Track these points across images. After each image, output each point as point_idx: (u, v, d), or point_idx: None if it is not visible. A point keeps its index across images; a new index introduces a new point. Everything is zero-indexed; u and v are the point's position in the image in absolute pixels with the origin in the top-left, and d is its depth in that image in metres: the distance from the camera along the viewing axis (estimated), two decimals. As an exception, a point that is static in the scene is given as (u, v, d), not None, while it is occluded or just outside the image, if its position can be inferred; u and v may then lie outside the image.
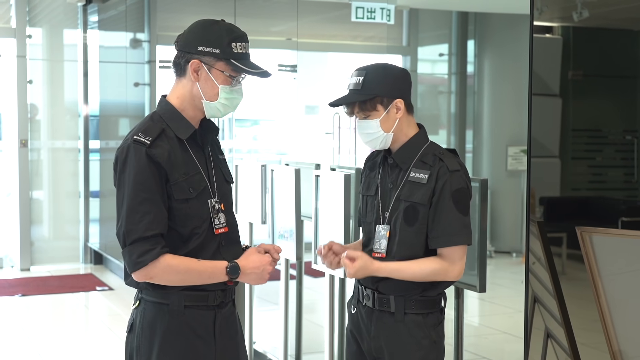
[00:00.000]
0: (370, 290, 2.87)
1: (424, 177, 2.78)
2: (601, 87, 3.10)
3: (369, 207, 2.94)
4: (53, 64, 9.35)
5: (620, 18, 3.07)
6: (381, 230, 2.85)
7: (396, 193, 2.83)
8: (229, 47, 2.59)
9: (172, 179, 2.55)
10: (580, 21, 3.03)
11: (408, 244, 2.79)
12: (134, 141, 2.54)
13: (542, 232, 2.93)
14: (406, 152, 2.85)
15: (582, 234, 2.76)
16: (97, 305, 7.55)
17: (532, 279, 3.02)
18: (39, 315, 7.21)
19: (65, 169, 9.45)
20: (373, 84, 2.80)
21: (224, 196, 2.71)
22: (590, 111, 3.11)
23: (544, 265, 2.94)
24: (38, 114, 9.27)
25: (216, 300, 2.66)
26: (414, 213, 2.77)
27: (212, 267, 2.59)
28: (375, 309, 2.86)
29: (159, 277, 2.55)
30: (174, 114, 2.64)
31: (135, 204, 2.51)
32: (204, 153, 2.69)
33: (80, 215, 9.47)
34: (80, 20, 9.45)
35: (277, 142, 10.54)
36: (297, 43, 8.42)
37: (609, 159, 3.10)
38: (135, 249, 2.51)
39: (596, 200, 3.10)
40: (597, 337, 2.92)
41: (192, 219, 2.59)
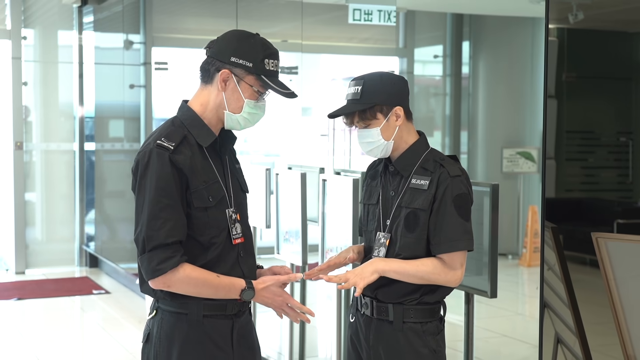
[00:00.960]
0: (369, 298, 2.86)
1: (424, 183, 2.77)
2: (595, 88, 3.10)
3: (370, 216, 2.93)
4: (47, 66, 9.29)
5: (614, 20, 3.07)
6: (381, 237, 2.84)
7: (397, 200, 2.82)
8: (262, 62, 2.58)
9: (192, 186, 2.53)
10: (576, 23, 3.03)
11: (409, 251, 2.78)
12: (157, 146, 2.51)
13: (556, 238, 2.91)
14: (407, 159, 2.84)
15: (598, 239, 2.75)
16: (94, 309, 7.50)
17: (545, 285, 3.01)
18: (36, 319, 7.17)
19: (60, 171, 9.40)
20: (372, 93, 2.80)
21: (239, 206, 2.68)
22: (583, 113, 3.11)
23: (557, 274, 2.92)
24: (30, 115, 9.21)
25: (234, 309, 2.63)
26: (415, 219, 2.77)
27: (229, 286, 2.57)
28: (374, 318, 2.85)
29: (176, 287, 2.52)
30: (196, 120, 2.61)
31: (157, 210, 2.48)
32: (222, 162, 2.66)
33: (75, 217, 9.41)
34: (76, 22, 9.39)
35: (268, 144, 10.51)
36: (301, 45, 8.39)
37: (602, 160, 3.09)
38: (155, 256, 2.48)
39: (590, 201, 3.10)
40: (603, 340, 2.91)
41: (210, 228, 2.57)
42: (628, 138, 3.00)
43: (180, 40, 8.58)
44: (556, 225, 2.99)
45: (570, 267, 2.96)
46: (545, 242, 2.96)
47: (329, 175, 4.07)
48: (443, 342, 2.88)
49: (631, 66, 3.01)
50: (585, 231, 2.96)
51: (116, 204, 8.86)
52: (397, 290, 2.80)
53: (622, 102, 3.04)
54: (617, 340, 2.77)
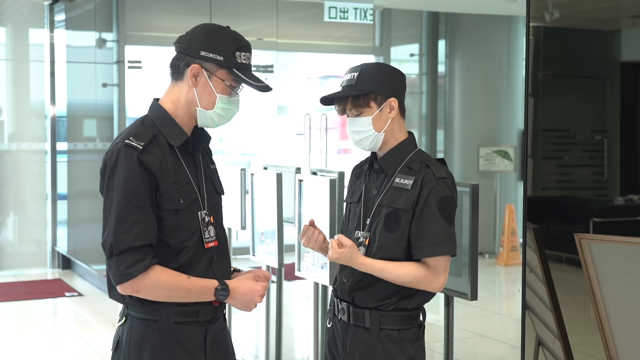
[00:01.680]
0: (346, 304, 2.78)
1: (408, 183, 2.69)
2: (571, 87, 3.09)
3: (351, 215, 2.85)
4: (18, 64, 9.14)
5: (590, 19, 3.08)
6: (360, 236, 2.76)
7: (379, 199, 2.74)
8: (233, 55, 2.48)
9: (162, 187, 2.43)
10: (552, 21, 3.00)
11: (387, 251, 2.70)
12: (125, 145, 2.41)
13: (538, 240, 2.87)
14: (393, 157, 2.76)
15: (581, 240, 2.71)
16: (66, 312, 7.38)
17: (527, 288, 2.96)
18: (6, 322, 7.03)
19: (31, 171, 9.24)
20: (368, 80, 2.71)
21: (214, 208, 2.59)
22: (559, 111, 3.09)
23: (538, 276, 2.88)
24: (1, 114, 9.05)
25: (207, 316, 2.54)
26: (396, 219, 2.69)
27: (201, 287, 2.47)
28: (351, 324, 2.77)
29: (145, 292, 2.42)
30: (167, 119, 2.52)
31: (125, 212, 2.39)
32: (195, 162, 2.57)
33: (47, 218, 9.26)
34: (47, 20, 9.25)
35: (244, 143, 10.43)
36: (277, 43, 8.31)
37: (577, 159, 3.08)
38: (123, 260, 2.38)
39: (566, 200, 3.07)
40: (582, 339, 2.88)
41: (181, 231, 2.47)
42: (603, 136, 3.00)
43: (154, 38, 8.47)
44: (534, 224, 2.94)
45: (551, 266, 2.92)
46: (527, 244, 2.91)
47: (305, 176, 4.00)
48: (422, 350, 2.80)
49: (606, 65, 3.01)
50: (561, 229, 2.94)
51: (89, 204, 8.73)
52: (374, 294, 2.72)
53: (597, 100, 3.04)
54: (595, 338, 2.76)
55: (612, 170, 2.95)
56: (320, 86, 10.72)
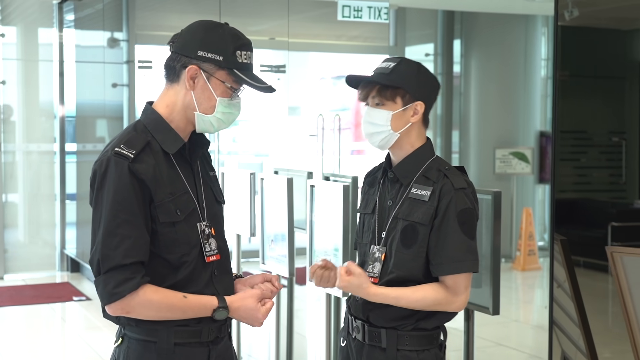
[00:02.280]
0: (360, 322, 2.58)
1: (425, 194, 2.49)
2: (588, 87, 2.98)
3: (365, 227, 2.66)
4: (28, 64, 9.02)
5: (609, 17, 2.98)
6: (375, 251, 2.57)
7: (394, 211, 2.55)
8: (233, 55, 2.29)
9: (157, 198, 2.24)
10: (571, 20, 2.86)
11: (404, 268, 2.50)
12: (115, 154, 2.23)
13: (565, 253, 2.69)
14: (408, 165, 2.57)
15: (613, 254, 2.55)
16: (74, 317, 7.24)
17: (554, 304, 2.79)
18: (13, 327, 6.90)
19: (40, 171, 9.13)
20: (402, 75, 2.52)
21: (214, 218, 2.40)
22: (576, 112, 2.96)
23: (566, 291, 2.71)
24: (12, 115, 8.94)
25: (210, 336, 2.35)
26: (413, 234, 2.49)
27: (198, 306, 2.28)
28: (366, 343, 2.57)
29: (136, 312, 2.23)
30: (161, 124, 2.32)
31: (113, 227, 2.19)
32: (193, 170, 2.38)
33: (56, 220, 9.14)
34: (56, 19, 9.14)
35: (257, 144, 10.29)
36: (288, 43, 8.17)
37: (594, 161, 2.99)
38: (111, 278, 2.19)
39: (583, 203, 2.94)
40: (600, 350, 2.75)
41: (179, 246, 2.28)
42: (621, 138, 2.90)
43: (164, 37, 8.28)
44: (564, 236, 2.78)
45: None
46: (554, 257, 2.74)
47: (317, 181, 3.83)
48: None
49: (625, 65, 2.91)
50: (580, 234, 2.82)
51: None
52: (390, 313, 2.52)
53: (616, 101, 2.93)
54: (618, 347, 2.68)
55: (631, 172, 2.86)
56: (334, 86, 10.57)
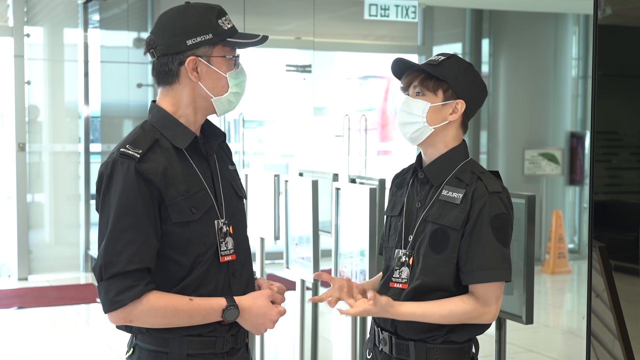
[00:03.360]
0: (387, 333, 2.45)
1: (457, 197, 2.35)
2: (619, 87, 2.86)
3: (392, 230, 2.52)
4: (53, 64, 9.00)
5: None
6: (402, 256, 2.43)
7: (423, 213, 2.41)
8: (218, 27, 2.20)
9: (167, 198, 2.13)
10: (603, 19, 2.74)
11: (432, 275, 2.36)
12: (121, 155, 2.12)
13: (604, 261, 2.55)
14: (440, 166, 2.43)
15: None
16: (98, 320, 7.18)
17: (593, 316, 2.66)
18: (37, 330, 6.86)
19: (65, 172, 9.10)
20: (450, 69, 2.39)
21: (234, 215, 2.28)
22: (607, 112, 2.86)
23: (605, 302, 2.57)
24: (39, 115, 8.92)
25: (225, 347, 2.24)
26: (443, 238, 2.35)
27: (205, 308, 2.16)
28: (393, 356, 2.44)
29: (140, 321, 2.13)
30: (169, 120, 2.22)
31: (117, 231, 2.09)
32: (209, 164, 2.27)
33: (80, 221, 9.11)
34: (81, 19, 9.10)
35: (283, 144, 10.20)
36: (313, 42, 8.06)
37: (625, 162, 2.88)
38: (112, 285, 2.08)
39: (615, 205, 2.81)
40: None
41: (194, 246, 2.17)
42: None
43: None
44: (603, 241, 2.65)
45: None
46: (592, 266, 2.60)
47: (343, 184, 3.72)
48: None
49: None
50: (611, 237, 2.69)
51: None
52: (419, 325, 2.38)
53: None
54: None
55: None
56: (360, 86, 10.46)
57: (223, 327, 2.23)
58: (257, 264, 4.61)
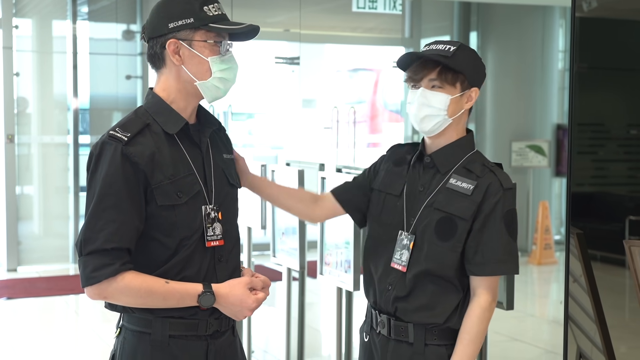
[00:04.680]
0: (386, 316, 2.49)
1: (468, 188, 2.40)
2: (606, 79, 2.92)
3: (388, 207, 2.53)
4: (42, 56, 9.01)
5: (628, 9, 2.87)
6: (404, 238, 2.46)
7: (428, 199, 2.45)
8: (201, 11, 2.23)
9: (153, 181, 2.19)
10: (589, 11, 2.80)
11: (436, 261, 2.41)
12: (109, 137, 2.18)
13: (582, 247, 2.62)
14: (449, 154, 2.47)
15: (631, 248, 2.48)
16: (88, 310, 7.23)
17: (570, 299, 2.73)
18: (27, 320, 6.90)
19: (54, 164, 9.12)
20: (465, 60, 2.42)
21: (224, 203, 2.33)
22: (593, 105, 2.92)
23: (582, 286, 2.64)
24: (28, 107, 8.94)
25: (209, 330, 2.28)
26: (451, 226, 2.39)
27: (181, 292, 2.21)
28: (391, 338, 2.48)
29: (114, 298, 2.19)
30: (162, 106, 2.27)
31: (99, 210, 2.15)
32: (201, 150, 2.32)
33: (70, 212, 9.14)
34: (70, 11, 9.12)
35: (272, 136, 10.25)
36: (299, 35, 8.10)
37: (612, 154, 2.92)
38: (90, 262, 2.15)
39: (601, 196, 2.87)
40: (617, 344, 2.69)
41: (179, 229, 2.22)
42: (639, 131, 2.84)
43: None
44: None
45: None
46: (570, 251, 2.67)
47: (329, 173, 3.78)
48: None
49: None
50: (597, 227, 2.77)
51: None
52: (419, 307, 2.43)
53: (634, 93, 2.84)
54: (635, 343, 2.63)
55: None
56: (350, 79, 10.51)
57: (205, 311, 2.27)
58: (245, 253, 4.67)
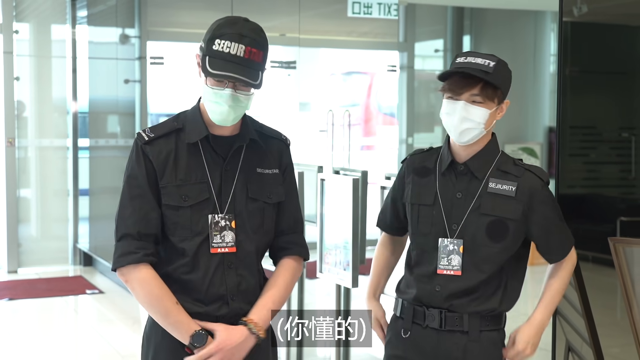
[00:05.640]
0: (437, 310, 2.59)
1: (510, 189, 2.54)
2: (597, 83, 3.02)
3: (422, 218, 2.63)
4: (41, 60, 9.11)
5: (618, 14, 3.00)
6: (449, 244, 2.57)
7: (472, 204, 2.56)
8: (211, 42, 2.31)
9: (162, 182, 2.37)
10: (580, 16, 2.91)
11: (491, 262, 2.55)
12: (137, 135, 2.42)
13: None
14: (482, 159, 2.59)
15: (615, 245, 2.61)
16: (87, 310, 7.34)
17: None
18: (27, 320, 7.00)
19: (53, 167, 9.22)
20: (501, 75, 2.55)
21: (241, 213, 2.42)
22: (585, 108, 3.02)
23: (571, 283, 2.77)
24: (25, 111, 9.04)
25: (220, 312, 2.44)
26: (503, 228, 2.53)
27: (179, 321, 2.36)
28: (443, 330, 2.58)
29: (132, 285, 2.38)
30: (196, 114, 2.43)
31: (127, 200, 2.38)
32: (226, 162, 2.42)
33: (69, 215, 9.24)
34: (69, 15, 9.22)
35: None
36: (299, 39, 8.23)
37: (604, 156, 3.02)
38: (119, 248, 2.37)
39: (592, 198, 2.98)
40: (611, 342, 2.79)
41: (181, 229, 2.38)
42: (630, 134, 2.92)
43: (175, 34, 8.43)
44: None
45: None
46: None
47: (328, 175, 3.91)
48: None
49: (635, 61, 2.93)
50: (588, 228, 2.86)
51: (110, 201, 8.69)
52: (473, 302, 2.57)
53: (625, 97, 2.96)
54: (622, 341, 2.74)
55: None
56: (344, 82, 10.63)
57: (214, 307, 2.41)
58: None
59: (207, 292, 2.39)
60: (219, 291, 2.40)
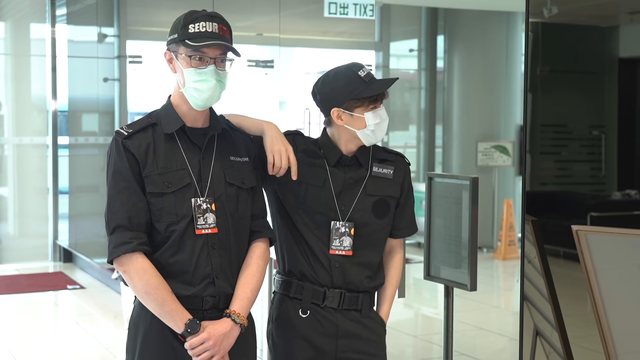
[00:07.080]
0: (338, 290, 2.77)
1: (388, 172, 2.83)
2: (568, 83, 3.10)
3: (315, 198, 2.77)
4: (19, 59, 9.17)
5: (588, 15, 3.09)
6: (341, 227, 2.76)
7: (361, 188, 2.79)
8: (185, 28, 2.53)
9: (145, 172, 2.53)
10: (550, 17, 3.02)
11: (375, 237, 2.81)
12: (116, 132, 2.57)
13: (536, 232, 2.91)
14: (366, 151, 2.83)
15: (578, 232, 2.75)
16: (68, 305, 7.43)
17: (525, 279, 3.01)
18: (8, 315, 7.08)
19: (32, 165, 9.29)
20: None
21: (221, 197, 2.59)
22: (556, 107, 3.11)
23: (537, 268, 2.92)
24: (1, 109, 9.08)
25: (205, 305, 2.57)
26: (385, 206, 2.81)
27: (174, 310, 2.49)
28: (341, 309, 2.78)
29: (129, 275, 2.50)
30: (168, 109, 2.63)
31: (115, 193, 2.52)
32: (201, 150, 2.60)
33: (49, 212, 9.31)
34: (48, 14, 9.28)
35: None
36: (279, 39, 8.35)
37: (575, 154, 3.09)
38: (112, 240, 2.50)
39: (564, 195, 3.10)
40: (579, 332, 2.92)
41: (167, 214, 2.53)
42: (600, 132, 3.01)
43: (154, 33, 8.49)
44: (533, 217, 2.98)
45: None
46: (525, 236, 2.96)
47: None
48: None
49: (604, 61, 3.03)
50: (559, 224, 2.97)
51: (90, 198, 8.78)
52: (370, 281, 2.83)
53: (595, 96, 3.05)
54: (592, 332, 2.77)
55: (610, 166, 2.95)
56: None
57: (202, 291, 2.54)
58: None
59: (194, 273, 2.54)
60: (205, 271, 2.55)
